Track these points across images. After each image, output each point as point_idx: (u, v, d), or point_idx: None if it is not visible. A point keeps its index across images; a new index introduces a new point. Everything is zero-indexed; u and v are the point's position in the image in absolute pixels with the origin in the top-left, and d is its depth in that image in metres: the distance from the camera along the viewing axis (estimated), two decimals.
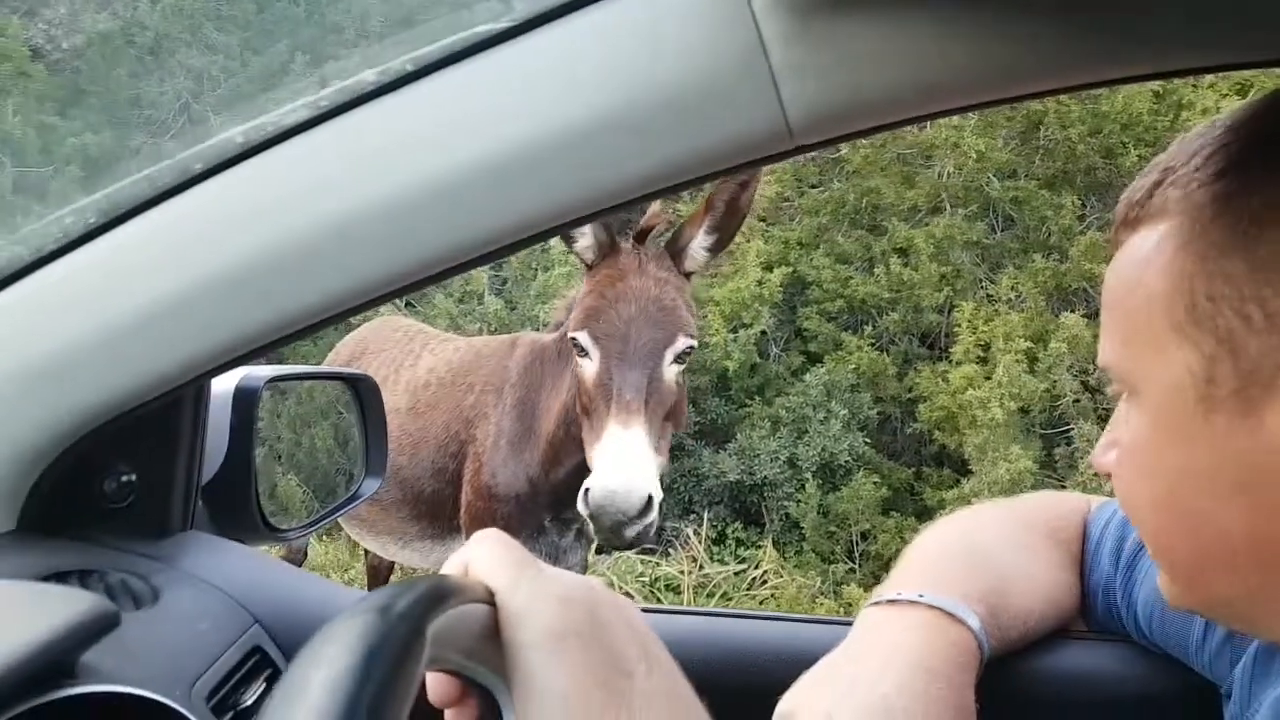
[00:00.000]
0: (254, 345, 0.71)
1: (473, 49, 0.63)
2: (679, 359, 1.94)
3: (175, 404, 0.82)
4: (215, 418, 0.93)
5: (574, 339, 1.94)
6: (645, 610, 0.61)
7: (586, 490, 1.79)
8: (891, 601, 0.74)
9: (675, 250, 2.04)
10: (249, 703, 0.73)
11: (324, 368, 2.68)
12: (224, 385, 0.96)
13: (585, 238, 1.99)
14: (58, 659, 0.49)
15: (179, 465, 0.85)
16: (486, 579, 0.51)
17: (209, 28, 9.01)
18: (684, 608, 0.80)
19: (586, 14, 0.61)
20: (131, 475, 0.82)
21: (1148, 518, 0.62)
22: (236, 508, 0.95)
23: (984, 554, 0.80)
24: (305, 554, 3.88)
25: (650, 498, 1.77)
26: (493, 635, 0.49)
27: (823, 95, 0.59)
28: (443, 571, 0.54)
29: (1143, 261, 0.59)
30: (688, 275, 2.06)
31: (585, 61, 0.61)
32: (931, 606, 0.72)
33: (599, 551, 3.91)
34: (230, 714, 0.70)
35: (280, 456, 1.69)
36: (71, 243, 0.72)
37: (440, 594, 0.46)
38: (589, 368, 1.93)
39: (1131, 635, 0.81)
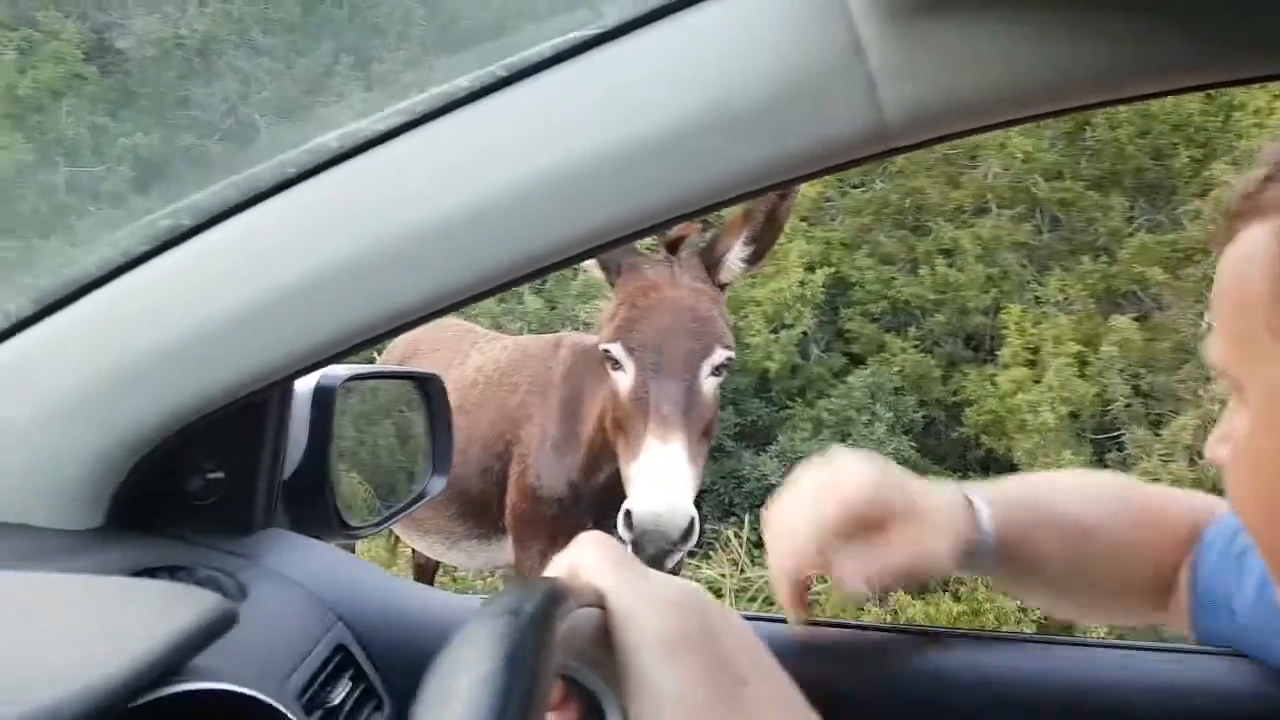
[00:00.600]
0: (344, 346, 0.72)
1: (564, 55, 0.63)
2: (716, 371, 1.87)
3: (261, 402, 0.84)
4: (295, 415, 0.95)
5: (606, 351, 1.88)
6: (746, 618, 0.61)
7: (628, 513, 1.71)
8: None
9: (710, 261, 1.98)
10: (335, 701, 0.74)
11: (396, 367, 2.70)
12: (304, 383, 0.97)
13: None
14: (183, 658, 0.50)
15: (263, 463, 0.86)
16: (595, 582, 0.51)
17: (255, 30, 9.15)
18: (781, 615, 0.80)
19: (679, 18, 0.61)
20: (219, 473, 0.84)
21: (1253, 517, 0.61)
22: (314, 505, 0.96)
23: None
24: (354, 551, 3.92)
25: (692, 521, 1.69)
26: (602, 638, 0.49)
27: (920, 96, 0.59)
28: (548, 572, 0.54)
29: (1249, 259, 0.57)
30: (722, 286, 2.00)
31: (679, 65, 0.61)
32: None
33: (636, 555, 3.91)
34: (319, 713, 0.71)
35: (343, 454, 1.71)
36: (164, 244, 0.73)
37: (561, 596, 0.46)
38: (623, 381, 1.86)
39: (1237, 646, 0.79)
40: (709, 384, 1.86)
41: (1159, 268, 5.39)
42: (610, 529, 2.47)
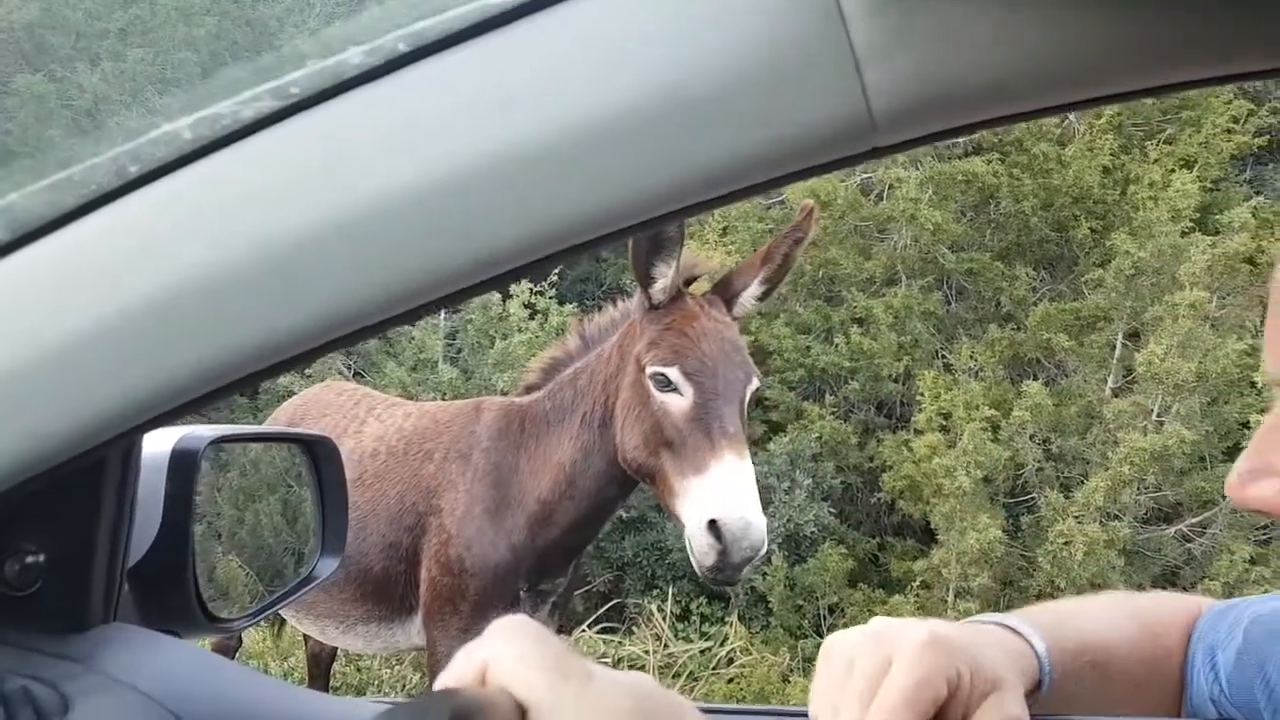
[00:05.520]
0: (200, 391, 0.57)
1: (477, 28, 0.52)
2: (751, 400, 2.00)
3: (97, 468, 0.68)
4: (146, 488, 0.78)
5: (661, 374, 1.96)
6: (704, 710, 0.48)
7: (712, 523, 1.80)
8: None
9: (726, 297, 2.10)
10: None
11: (276, 428, 2.50)
12: (158, 448, 0.81)
13: (664, 279, 2.01)
14: None
15: (100, 543, 0.70)
16: (516, 688, 0.38)
17: (150, 90, 8.85)
18: (743, 707, 0.67)
19: None
20: (39, 555, 0.67)
21: None
22: (170, 593, 0.80)
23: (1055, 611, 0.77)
24: (240, 642, 3.61)
25: (766, 532, 1.83)
26: None
27: (915, 81, 0.49)
28: (451, 676, 0.40)
29: None
30: (734, 320, 2.12)
31: (622, 38, 0.50)
32: (997, 624, 0.71)
33: (560, 631, 3.71)
34: None
35: (220, 535, 1.52)
36: None
37: (465, 717, 0.32)
38: (679, 403, 1.94)
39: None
40: (746, 410, 1.98)
41: (1064, 335, 5.53)
42: (541, 597, 2.35)
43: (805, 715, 0.66)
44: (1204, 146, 5.94)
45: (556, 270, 6.68)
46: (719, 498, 1.83)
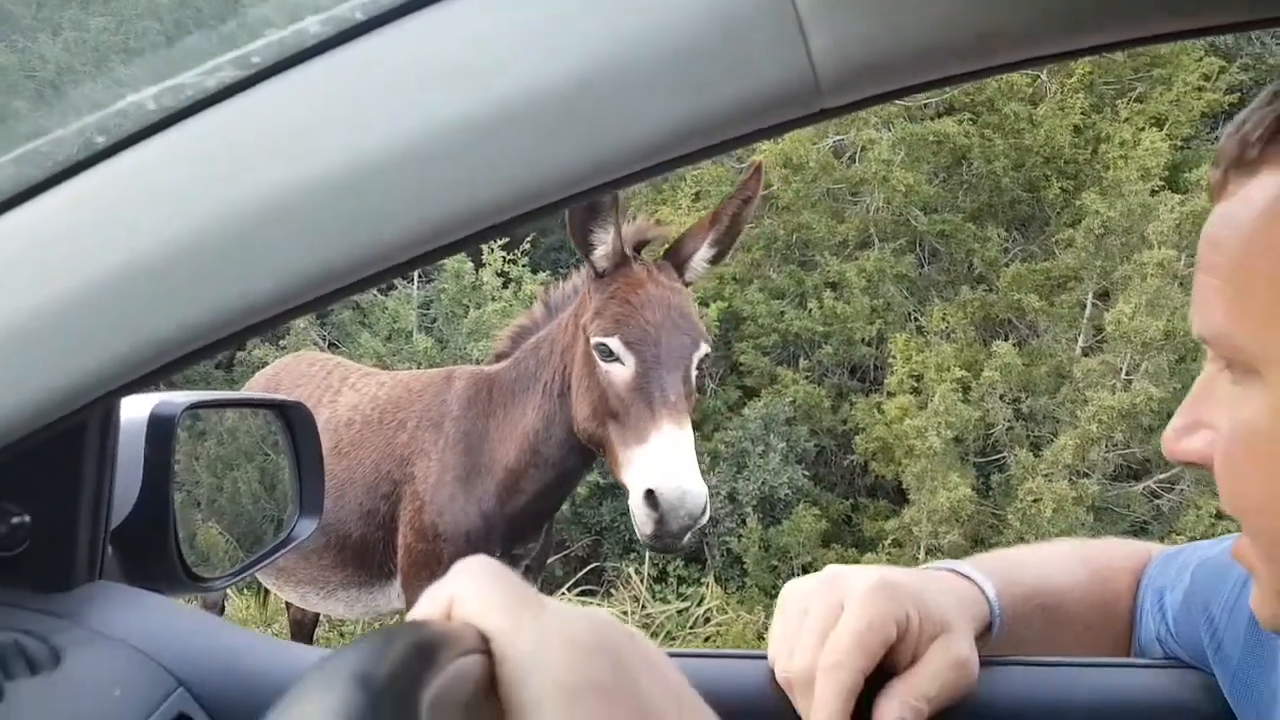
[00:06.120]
0: (171, 356, 0.59)
1: None
2: (699, 365, 1.99)
3: (77, 431, 0.70)
4: (126, 452, 0.81)
5: (603, 344, 1.96)
6: (669, 654, 0.52)
7: (649, 492, 1.80)
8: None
9: (677, 262, 2.08)
10: None
11: (250, 394, 2.51)
12: (136, 413, 0.83)
13: (604, 246, 2.01)
14: None
15: (83, 504, 0.72)
16: (479, 621, 0.41)
17: (115, 61, 8.69)
18: (705, 650, 0.71)
19: None
20: (24, 516, 0.69)
21: (1264, 516, 0.53)
22: (153, 552, 0.82)
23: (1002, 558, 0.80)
24: (222, 609, 3.64)
25: (707, 498, 1.82)
26: (488, 694, 0.39)
27: (861, 41, 0.51)
28: (419, 613, 0.43)
29: (1271, 214, 0.49)
30: (687, 285, 2.10)
31: (568, 5, 0.52)
32: (949, 570, 0.74)
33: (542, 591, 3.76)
34: None
35: (200, 503, 1.54)
36: None
37: (430, 649, 0.35)
38: (621, 372, 1.94)
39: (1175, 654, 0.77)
40: (693, 377, 1.98)
41: (1034, 295, 5.60)
42: (515, 561, 2.39)
43: (765, 658, 0.69)
44: (1175, 104, 5.98)
45: (529, 238, 6.67)
46: (657, 467, 1.83)
